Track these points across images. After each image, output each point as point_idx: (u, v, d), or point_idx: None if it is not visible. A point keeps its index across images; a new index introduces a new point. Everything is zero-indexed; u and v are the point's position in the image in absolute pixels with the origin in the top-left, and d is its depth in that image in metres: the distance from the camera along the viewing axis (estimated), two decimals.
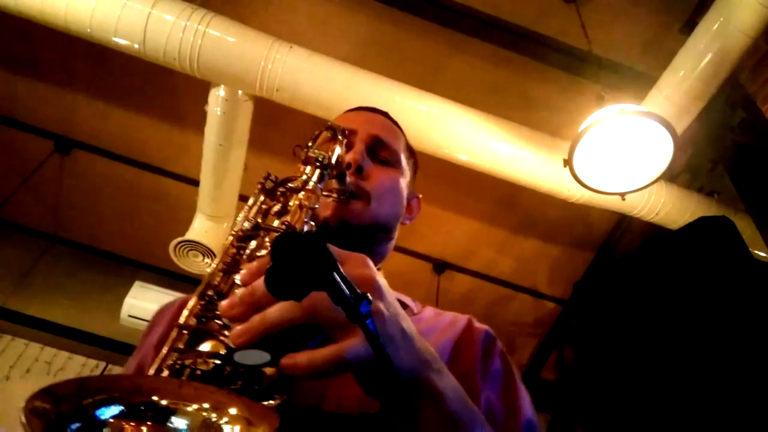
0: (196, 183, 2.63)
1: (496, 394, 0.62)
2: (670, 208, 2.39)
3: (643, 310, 2.17)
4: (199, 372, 0.38)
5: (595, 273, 3.36)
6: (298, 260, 0.33)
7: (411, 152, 0.90)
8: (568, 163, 1.81)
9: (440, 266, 3.48)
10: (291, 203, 0.56)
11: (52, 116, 3.05)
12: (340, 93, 2.14)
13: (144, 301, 2.99)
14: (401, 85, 2.22)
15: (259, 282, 0.37)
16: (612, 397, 2.16)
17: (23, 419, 0.30)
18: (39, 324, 3.15)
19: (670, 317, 2.02)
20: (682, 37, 2.10)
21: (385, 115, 0.88)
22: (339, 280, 0.34)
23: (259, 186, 0.59)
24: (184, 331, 0.42)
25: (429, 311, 0.77)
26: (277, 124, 2.76)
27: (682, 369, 1.90)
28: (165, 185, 3.22)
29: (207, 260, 2.72)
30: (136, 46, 2.06)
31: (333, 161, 0.64)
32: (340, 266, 0.35)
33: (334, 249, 0.41)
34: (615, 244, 3.25)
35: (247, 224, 0.53)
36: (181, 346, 0.41)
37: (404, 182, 0.81)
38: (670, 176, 2.40)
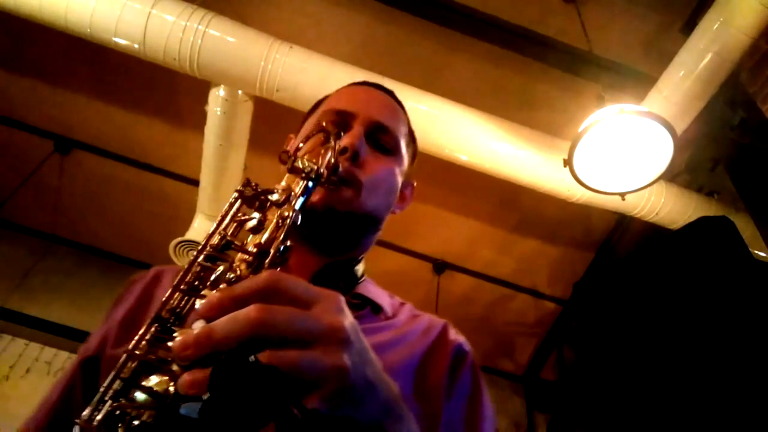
0: (196, 183, 2.63)
1: (459, 414, 0.61)
2: (670, 208, 2.39)
3: (643, 310, 2.17)
4: (137, 422, 0.35)
5: (595, 273, 3.36)
6: (243, 396, 0.29)
7: (412, 137, 0.86)
8: (568, 163, 1.81)
9: (440, 266, 3.48)
10: (269, 217, 0.50)
11: (52, 116, 3.05)
12: None
13: None
14: (401, 85, 2.22)
15: (218, 325, 0.35)
16: (612, 397, 2.16)
17: None
18: (39, 324, 3.15)
19: (670, 317, 2.02)
20: (682, 37, 2.10)
21: (390, 94, 0.83)
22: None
23: (237, 194, 0.53)
24: (133, 361, 0.39)
25: (405, 313, 0.75)
26: (277, 124, 2.75)
27: (682, 369, 1.90)
28: (165, 185, 3.22)
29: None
30: (136, 46, 2.06)
31: (322, 170, 0.58)
32: (310, 307, 0.33)
33: (302, 289, 0.38)
34: (615, 244, 3.25)
35: (216, 239, 0.48)
36: (126, 374, 0.38)
37: (400, 171, 0.78)
38: (670, 176, 2.40)
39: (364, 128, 0.72)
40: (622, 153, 1.81)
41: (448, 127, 2.20)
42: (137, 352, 0.40)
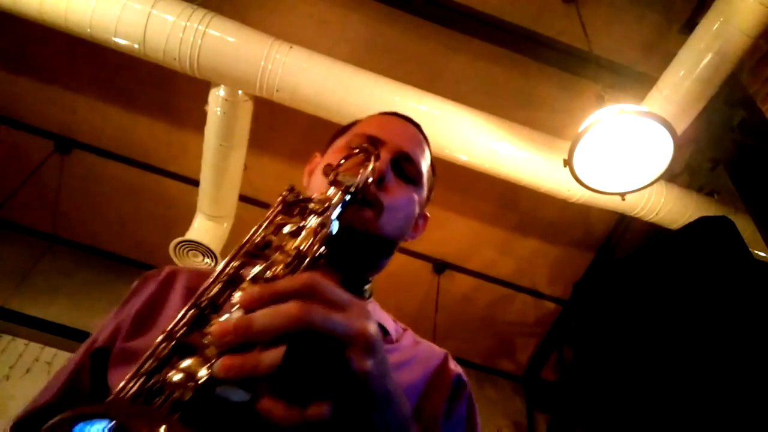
0: (196, 183, 2.63)
1: None
2: (670, 208, 2.39)
3: (643, 310, 2.17)
4: (174, 399, 0.36)
5: (595, 273, 3.36)
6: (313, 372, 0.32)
7: (433, 170, 0.90)
8: (568, 163, 1.81)
9: (440, 266, 3.48)
10: (308, 223, 0.53)
11: (52, 116, 3.06)
12: (340, 93, 2.14)
13: None
14: (401, 85, 2.22)
15: (258, 316, 0.37)
16: (612, 397, 2.16)
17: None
18: (39, 324, 3.15)
19: (671, 317, 2.02)
20: (682, 37, 2.10)
21: (418, 127, 0.87)
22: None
23: (280, 198, 0.56)
24: (171, 341, 0.40)
25: (407, 339, 0.77)
26: (277, 124, 2.76)
27: (682, 369, 1.89)
28: (165, 185, 3.23)
29: (207, 260, 2.72)
30: (136, 46, 2.06)
31: (360, 185, 0.63)
32: (341, 312, 0.36)
33: (336, 293, 0.41)
34: (615, 244, 3.25)
35: (259, 238, 0.51)
36: (164, 354, 0.39)
37: (419, 200, 0.81)
38: (670, 176, 2.40)
39: (391, 155, 0.75)
40: (622, 153, 1.81)
41: (448, 127, 2.20)
42: (175, 334, 0.41)
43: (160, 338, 0.40)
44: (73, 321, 3.20)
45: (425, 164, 0.83)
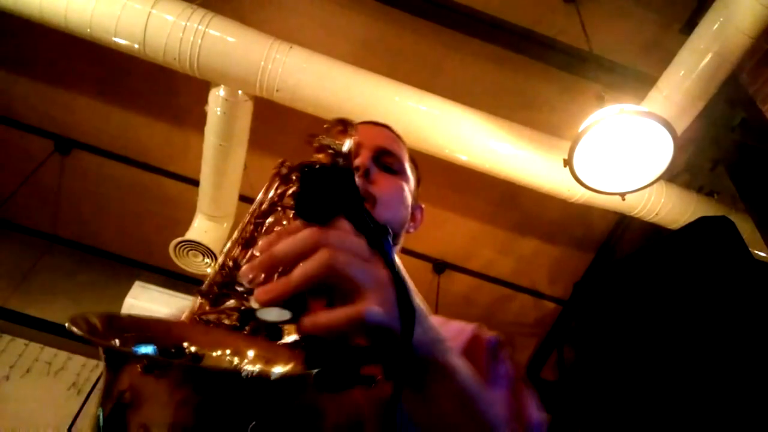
0: (196, 183, 2.63)
1: (504, 401, 0.62)
2: (670, 208, 2.39)
3: (643, 310, 2.17)
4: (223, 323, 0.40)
5: (595, 273, 3.36)
6: (325, 186, 0.34)
7: (415, 164, 0.93)
8: (568, 163, 1.81)
9: (440, 266, 3.48)
10: None
11: (52, 116, 3.05)
12: (340, 93, 2.14)
13: (144, 301, 2.98)
14: (401, 85, 2.22)
15: (279, 246, 0.39)
16: (612, 398, 2.16)
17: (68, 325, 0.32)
18: (39, 324, 3.15)
19: (671, 317, 2.02)
20: (682, 37, 2.10)
21: (387, 127, 0.91)
22: (363, 209, 0.35)
23: (275, 171, 0.60)
24: (207, 297, 0.43)
25: (436, 319, 0.77)
26: (277, 124, 2.76)
27: (682, 369, 1.89)
28: (165, 185, 3.22)
29: (207, 260, 2.72)
30: (136, 46, 2.06)
31: (345, 150, 0.65)
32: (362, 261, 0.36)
33: (364, 244, 0.42)
34: (615, 244, 3.25)
35: (264, 205, 0.54)
36: (205, 308, 0.42)
37: (409, 189, 0.85)
38: (670, 176, 2.40)
39: (371, 153, 0.80)
40: (622, 153, 1.81)
41: (448, 127, 2.20)
42: (210, 290, 0.44)
43: (197, 299, 0.43)
44: None
45: (404, 157, 0.88)
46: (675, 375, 1.91)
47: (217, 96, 2.23)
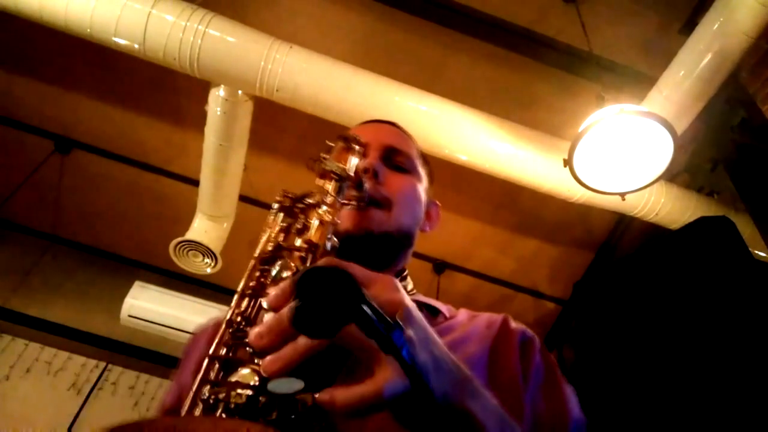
0: (196, 183, 2.63)
1: (541, 395, 0.61)
2: (670, 208, 2.39)
3: (643, 310, 2.17)
4: (233, 405, 0.38)
5: (595, 273, 3.36)
6: (324, 297, 0.32)
7: (425, 160, 0.90)
8: (568, 163, 1.81)
9: (440, 266, 3.48)
10: (311, 220, 0.55)
11: (52, 116, 3.05)
12: (339, 93, 2.14)
13: (144, 301, 2.99)
14: (401, 85, 2.22)
15: (287, 310, 0.37)
16: (612, 398, 2.16)
17: None
18: (39, 324, 3.15)
19: (670, 317, 2.02)
20: (682, 37, 2.10)
21: (394, 125, 0.88)
22: (369, 311, 0.33)
23: (277, 205, 0.58)
24: (216, 362, 0.42)
25: (463, 314, 0.76)
26: (277, 124, 2.76)
27: (682, 369, 1.89)
28: (165, 185, 3.22)
29: (207, 260, 2.72)
30: (136, 46, 2.06)
31: (351, 172, 0.63)
32: (366, 292, 0.34)
33: (359, 271, 0.41)
34: (615, 244, 3.25)
35: (269, 246, 0.52)
36: (212, 377, 0.41)
37: (421, 187, 0.82)
38: (670, 176, 2.40)
39: (379, 152, 0.77)
40: (622, 153, 1.81)
41: (448, 127, 2.20)
42: (219, 353, 0.42)
43: (205, 362, 0.41)
44: (72, 321, 3.20)
45: (414, 153, 0.84)
46: (675, 375, 1.91)
47: (217, 96, 2.23)
